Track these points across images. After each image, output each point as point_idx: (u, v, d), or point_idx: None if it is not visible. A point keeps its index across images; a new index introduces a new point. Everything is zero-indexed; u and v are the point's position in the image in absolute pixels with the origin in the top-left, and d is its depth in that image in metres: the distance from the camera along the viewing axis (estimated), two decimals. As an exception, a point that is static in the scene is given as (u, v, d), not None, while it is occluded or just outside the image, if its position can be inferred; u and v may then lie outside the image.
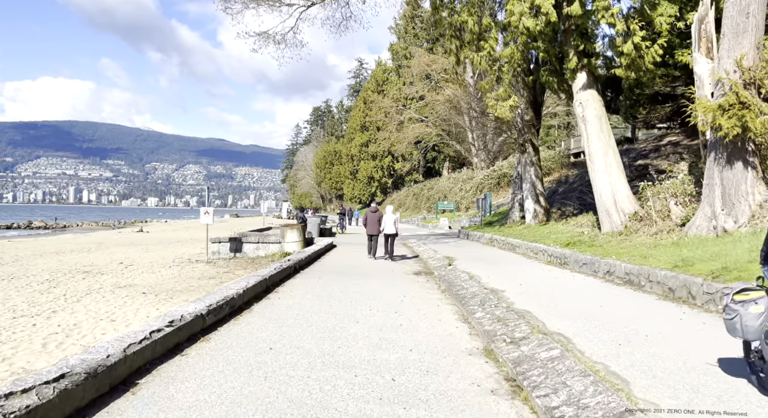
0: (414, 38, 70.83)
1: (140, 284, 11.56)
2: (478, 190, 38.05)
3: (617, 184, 11.81)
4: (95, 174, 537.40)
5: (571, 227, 14.82)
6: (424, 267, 12.15)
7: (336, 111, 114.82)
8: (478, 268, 10.82)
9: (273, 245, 17.58)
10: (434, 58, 57.46)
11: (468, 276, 8.92)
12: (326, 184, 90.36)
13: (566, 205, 19.35)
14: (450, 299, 7.42)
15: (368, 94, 74.02)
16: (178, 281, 11.90)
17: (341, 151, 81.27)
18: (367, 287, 8.33)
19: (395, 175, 69.22)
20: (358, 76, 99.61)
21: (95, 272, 13.68)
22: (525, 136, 17.35)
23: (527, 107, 17.09)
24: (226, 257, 17.42)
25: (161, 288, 10.86)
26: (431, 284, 9.24)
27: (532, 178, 17.87)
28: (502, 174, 36.18)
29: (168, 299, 9.62)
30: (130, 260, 17.05)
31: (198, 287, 11.16)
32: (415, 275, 10.64)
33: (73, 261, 16.30)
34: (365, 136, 71.08)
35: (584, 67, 12.23)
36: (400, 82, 68.86)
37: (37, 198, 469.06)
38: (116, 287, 10.98)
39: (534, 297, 6.93)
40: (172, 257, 18.01)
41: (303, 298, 6.99)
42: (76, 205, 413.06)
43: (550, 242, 12.61)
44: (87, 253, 19.67)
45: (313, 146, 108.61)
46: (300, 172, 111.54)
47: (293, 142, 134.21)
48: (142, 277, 12.74)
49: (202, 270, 14.19)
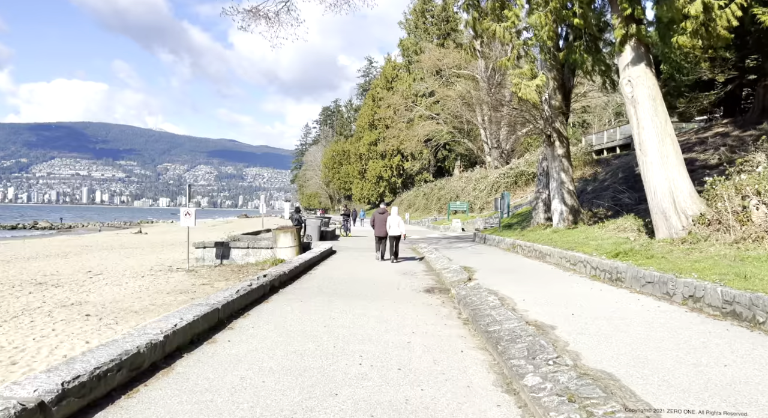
0: (424, 34, 68.66)
1: (93, 301, 9.54)
2: (493, 189, 35.76)
3: (677, 179, 9.55)
4: (108, 175, 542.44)
5: (610, 231, 12.56)
6: (437, 281, 9.98)
7: (345, 110, 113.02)
8: (507, 284, 8.63)
9: (265, 251, 15.52)
10: (445, 53, 55.27)
11: (497, 299, 6.74)
12: (335, 185, 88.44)
13: (598, 206, 17.06)
14: (478, 338, 5.26)
15: (377, 91, 72.00)
16: (140, 297, 9.86)
17: (350, 150, 79.26)
18: (363, 316, 6.19)
19: (405, 174, 67.05)
20: (367, 75, 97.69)
21: (52, 283, 11.70)
22: (553, 126, 15.10)
23: (555, 91, 14.84)
24: (212, 264, 15.39)
25: (114, 307, 8.82)
26: (448, 308, 7.08)
27: (560, 174, 15.61)
28: (519, 172, 33.85)
29: (113, 324, 7.57)
30: (104, 267, 15.08)
31: (162, 305, 9.11)
32: (426, 292, 8.49)
33: (36, 269, 14.36)
34: (374, 135, 68.99)
35: (633, 36, 9.99)
36: (410, 79, 66.69)
37: (51, 198, 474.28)
38: (60, 306, 8.96)
39: (605, 342, 4.73)
40: (152, 264, 16.03)
41: (265, 340, 4.83)
42: (89, 206, 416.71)
43: (591, 251, 10.38)
44: (62, 258, 17.78)
45: (322, 146, 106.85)
46: (309, 173, 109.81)
47: (302, 142, 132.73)
48: (102, 290, 10.72)
49: (177, 281, 12.16)
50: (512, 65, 12.11)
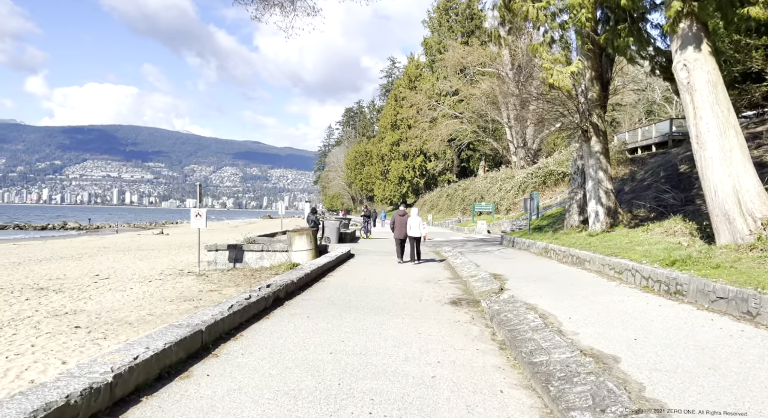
0: (448, 31, 67.38)
1: (90, 309, 8.80)
2: (520, 190, 34.35)
3: (743, 177, 8.28)
4: (137, 176, 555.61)
5: (657, 235, 11.29)
6: (464, 290, 8.94)
7: (367, 111, 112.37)
8: (545, 296, 7.54)
9: (280, 254, 14.68)
10: (469, 50, 53.94)
11: (538, 317, 5.68)
12: (357, 185, 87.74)
13: (638, 208, 15.71)
14: (519, 370, 4.22)
15: (400, 90, 70.99)
16: (140, 306, 9.09)
17: (372, 151, 78.42)
18: (379, 337, 5.21)
19: (427, 175, 65.82)
20: (390, 76, 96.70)
21: (54, 289, 11.07)
22: (590, 120, 13.85)
23: (592, 82, 13.59)
24: (224, 268, 14.63)
25: (109, 318, 8.05)
26: (479, 326, 6.04)
27: (597, 173, 14.35)
28: (548, 172, 32.39)
29: (101, 338, 6.77)
30: (113, 270, 14.48)
31: (161, 316, 8.30)
32: (452, 305, 7.46)
33: (44, 273, 13.83)
34: (396, 135, 68.00)
35: (690, 13, 8.77)
36: (434, 78, 65.50)
37: (84, 199, 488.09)
38: (53, 315, 8.23)
39: (693, 385, 3.61)
40: (163, 267, 15.38)
41: (254, 374, 3.86)
42: (119, 207, 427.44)
43: (639, 257, 9.18)
44: (75, 261, 17.31)
45: (344, 147, 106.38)
46: (331, 174, 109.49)
47: (325, 143, 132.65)
48: (103, 297, 10.01)
49: (185, 287, 11.40)
50: (545, 50, 10.96)
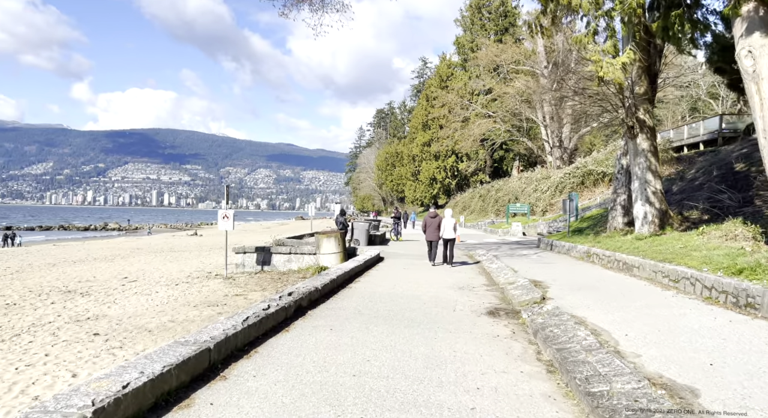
0: (481, 30, 66.16)
1: (112, 315, 8.56)
2: (557, 190, 33.13)
3: (820, 174, 7.35)
4: (175, 178, 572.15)
5: (715, 239, 10.32)
6: (502, 299, 8.28)
7: (398, 112, 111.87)
8: (594, 308, 6.82)
9: (308, 257, 14.30)
10: (503, 48, 52.75)
11: (590, 335, 5.00)
12: (387, 186, 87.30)
13: (689, 209, 14.61)
14: (574, 401, 3.59)
15: (431, 90, 70.15)
16: (163, 311, 8.81)
17: (402, 151, 77.82)
18: (409, 355, 4.65)
19: (459, 175, 64.74)
20: (421, 76, 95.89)
21: (81, 291, 10.97)
22: (636, 115, 12.90)
23: (640, 75, 12.64)
24: (252, 271, 14.35)
25: (130, 324, 7.76)
26: (521, 342, 5.41)
27: (644, 172, 13.37)
28: (586, 171, 31.08)
29: (117, 347, 6.45)
30: (142, 272, 14.40)
31: (183, 322, 7.98)
32: (489, 316, 6.83)
33: (75, 274, 13.86)
34: (427, 135, 67.21)
35: (756, -6, 7.88)
36: (466, 77, 64.41)
37: (125, 201, 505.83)
38: (74, 321, 8.02)
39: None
40: (192, 269, 15.23)
41: (264, 404, 3.27)
42: (157, 208, 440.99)
43: (697, 264, 8.31)
44: (108, 262, 17.41)
45: (375, 148, 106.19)
46: (362, 175, 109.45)
47: (356, 145, 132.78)
48: (127, 302, 9.80)
49: (210, 290, 11.12)
50: (589, 41, 10.18)
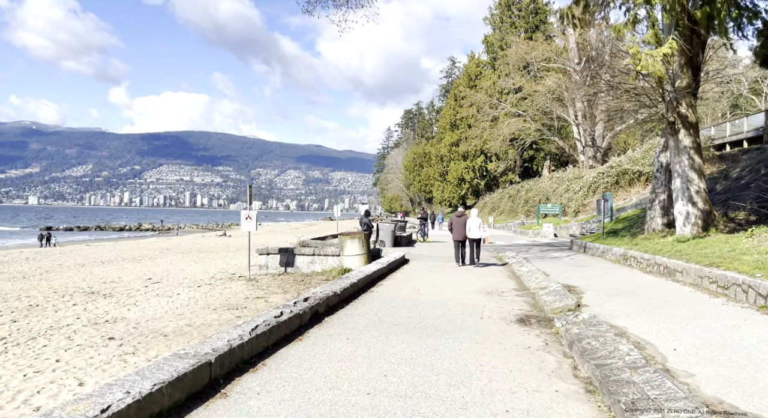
0: (511, 28, 64.98)
1: (131, 317, 8.43)
2: (590, 190, 32.04)
3: None
4: (207, 180, 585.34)
5: (767, 242, 9.53)
6: (533, 305, 7.77)
7: (426, 112, 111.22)
8: (635, 316, 6.27)
9: (331, 258, 14.03)
10: (533, 46, 51.56)
11: (634, 349, 4.49)
12: (415, 187, 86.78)
13: (736, 210, 13.69)
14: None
15: (459, 90, 69.29)
16: (182, 314, 8.63)
17: (430, 152, 77.17)
18: (430, 369, 4.25)
19: (488, 176, 63.70)
20: (450, 76, 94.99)
21: (104, 293, 10.95)
22: (677, 110, 12.12)
23: (682, 67, 11.86)
24: (275, 272, 14.17)
25: (147, 328, 7.60)
26: (555, 354, 4.93)
27: (686, 171, 12.56)
28: (621, 171, 29.91)
29: (130, 353, 6.26)
30: (167, 273, 14.40)
31: (200, 326, 7.77)
32: (519, 324, 6.36)
33: (101, 275, 13.95)
34: (455, 135, 66.38)
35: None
36: (495, 76, 63.39)
37: (159, 202, 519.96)
38: (92, 324, 7.91)
39: None
40: (216, 270, 15.16)
41: None
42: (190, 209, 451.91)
43: (748, 269, 7.61)
44: (135, 263, 17.55)
45: (403, 149, 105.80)
46: (389, 176, 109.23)
47: (384, 145, 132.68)
48: (148, 304, 9.69)
49: (232, 293, 10.94)
50: (629, 31, 9.55)
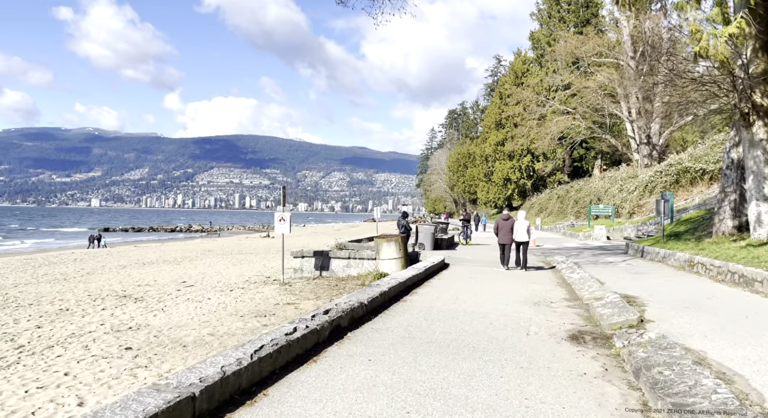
0: (559, 23, 62.68)
1: (154, 324, 8.12)
2: (646, 190, 30.04)
3: None
4: (256, 182, 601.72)
5: None
6: (587, 318, 6.86)
7: (471, 112, 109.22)
8: (714, 338, 5.29)
9: (367, 262, 13.44)
10: (583, 40, 49.28)
11: (721, 383, 3.60)
12: (459, 188, 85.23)
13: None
14: None
15: (505, 88, 67.42)
16: (208, 322, 8.24)
17: (475, 152, 75.52)
18: (463, 406, 3.52)
19: (535, 176, 61.57)
20: (495, 75, 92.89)
21: (135, 296, 10.80)
22: (751, 100, 10.76)
23: (756, 50, 10.51)
24: (310, 276, 13.71)
25: (168, 337, 7.22)
26: (617, 386, 4.08)
27: (762, 167, 11.17)
28: (682, 169, 27.82)
29: (143, 366, 5.85)
30: (202, 277, 14.23)
31: (224, 335, 7.33)
32: (572, 342, 5.51)
33: (138, 278, 13.94)
34: (501, 134, 64.61)
35: None
36: (542, 73, 61.27)
37: (210, 204, 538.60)
38: (114, 331, 7.62)
39: None
40: (252, 273, 14.90)
41: None
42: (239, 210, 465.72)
43: None
44: (175, 265, 17.61)
45: (446, 149, 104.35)
46: (433, 177, 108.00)
47: (428, 146, 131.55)
48: (175, 309, 9.40)
49: (263, 298, 10.53)
50: (693, 7, 8.43)
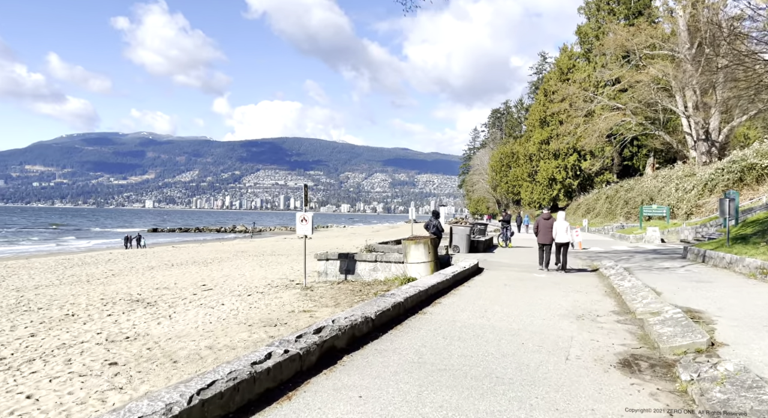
0: (609, 15, 59.80)
1: (154, 333, 7.51)
2: (705, 189, 27.67)
3: None
4: (300, 184, 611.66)
5: None
6: (641, 337, 5.71)
7: (515, 110, 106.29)
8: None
9: (395, 266, 12.54)
10: (635, 31, 46.54)
11: None
12: (502, 188, 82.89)
13: None
14: None
15: (550, 84, 64.92)
16: (212, 331, 7.57)
17: (518, 151, 73.16)
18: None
19: (582, 175, 58.86)
20: (540, 72, 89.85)
21: (148, 301, 10.33)
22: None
23: None
24: (334, 280, 12.95)
25: (161, 350, 6.57)
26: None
27: None
28: (747, 166, 25.38)
29: (118, 388, 5.18)
30: (224, 279, 13.73)
31: (223, 348, 6.63)
32: (623, 372, 4.42)
33: (160, 280, 13.59)
34: (545, 133, 62.20)
35: None
36: (590, 68, 58.65)
37: (257, 205, 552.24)
38: (107, 342, 7.04)
39: None
40: (277, 276, 14.30)
41: None
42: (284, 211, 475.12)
43: None
44: (202, 266, 17.28)
45: (489, 149, 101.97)
46: (475, 177, 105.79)
47: (470, 146, 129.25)
48: (183, 316, 8.80)
49: (279, 304, 9.83)
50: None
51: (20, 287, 12.45)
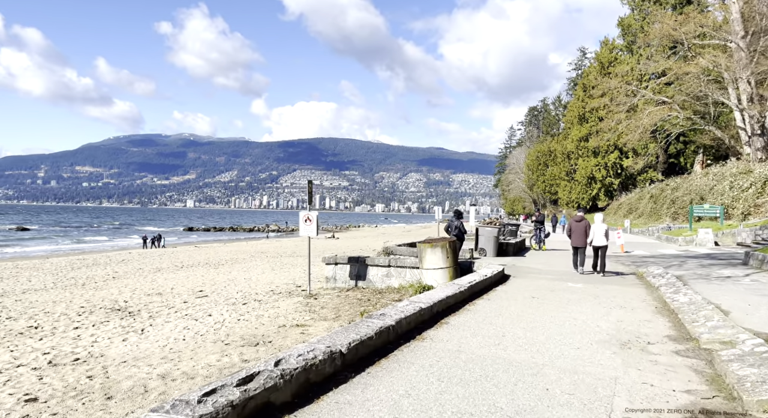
0: (654, 5, 56.39)
1: (111, 354, 6.43)
2: (764, 187, 25.06)
3: None
4: (335, 183, 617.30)
5: None
6: (711, 380, 4.20)
7: (552, 108, 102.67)
8: None
9: (409, 271, 11.19)
10: (683, 20, 43.43)
11: None
12: (538, 188, 79.94)
13: None
14: None
15: (590, 79, 61.83)
16: (177, 353, 6.44)
17: (556, 149, 70.20)
18: None
19: (623, 173, 55.73)
20: (579, 68, 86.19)
21: (131, 310, 9.35)
22: None
23: None
24: (343, 286, 11.70)
25: (100, 380, 5.47)
26: None
27: None
28: (815, 161, 22.68)
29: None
30: (225, 284, 12.70)
31: (173, 380, 5.49)
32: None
33: (157, 284, 12.67)
34: (584, 129, 59.27)
35: None
36: (633, 60, 55.42)
37: (293, 205, 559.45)
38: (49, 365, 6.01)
39: None
40: (283, 281, 13.17)
41: None
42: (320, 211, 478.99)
43: None
44: (210, 269, 16.39)
45: (525, 147, 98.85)
46: (511, 176, 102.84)
47: (506, 145, 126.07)
48: (158, 331, 7.72)
49: (273, 315, 8.66)
50: None
51: (6, 292, 11.76)
